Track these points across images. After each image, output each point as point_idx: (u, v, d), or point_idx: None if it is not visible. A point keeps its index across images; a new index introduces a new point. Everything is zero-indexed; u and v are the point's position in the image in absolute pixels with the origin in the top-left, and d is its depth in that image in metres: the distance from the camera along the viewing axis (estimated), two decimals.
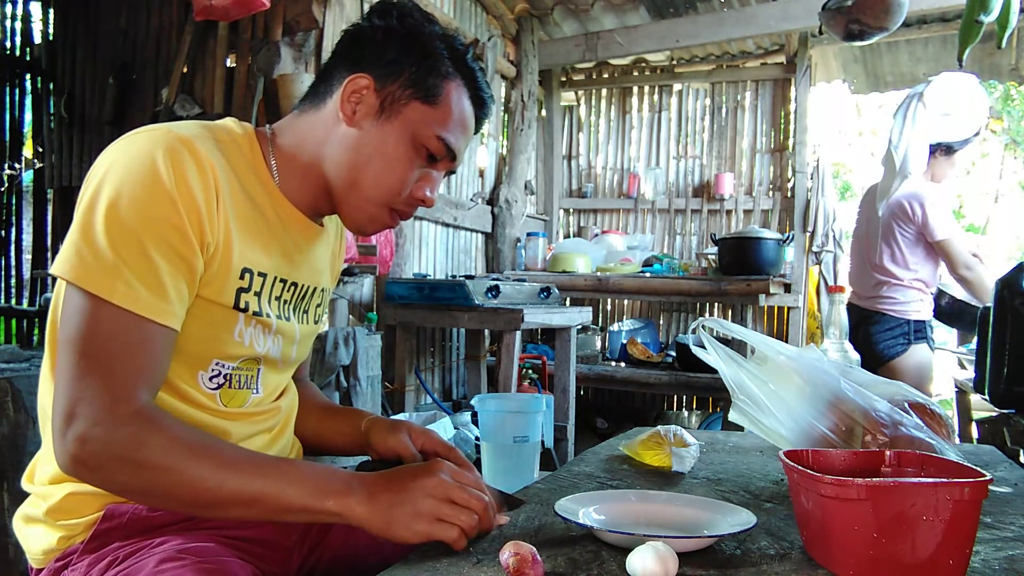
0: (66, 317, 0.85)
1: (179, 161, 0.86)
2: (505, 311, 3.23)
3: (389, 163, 0.99)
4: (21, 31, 4.06)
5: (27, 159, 4.22)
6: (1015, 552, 0.88)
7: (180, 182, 0.86)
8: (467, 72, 1.03)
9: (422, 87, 0.99)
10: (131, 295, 0.83)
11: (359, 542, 1.11)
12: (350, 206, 1.03)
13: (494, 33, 4.62)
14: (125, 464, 0.82)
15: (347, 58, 1.01)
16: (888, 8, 3.11)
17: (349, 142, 0.99)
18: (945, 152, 3.02)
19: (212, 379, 0.96)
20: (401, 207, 1.03)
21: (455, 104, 1.01)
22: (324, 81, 1.03)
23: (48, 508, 0.93)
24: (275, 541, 1.04)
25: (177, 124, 0.92)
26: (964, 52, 2.19)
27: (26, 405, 2.05)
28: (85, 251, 0.83)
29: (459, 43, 1.03)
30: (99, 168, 0.88)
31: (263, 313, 0.98)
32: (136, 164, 0.85)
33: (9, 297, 4.09)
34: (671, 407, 5.30)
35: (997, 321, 1.91)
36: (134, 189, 0.84)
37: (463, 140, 1.04)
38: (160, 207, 0.85)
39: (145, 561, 0.86)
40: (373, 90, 0.99)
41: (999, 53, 4.46)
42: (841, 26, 3.28)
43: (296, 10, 3.12)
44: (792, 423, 1.10)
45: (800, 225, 4.84)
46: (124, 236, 0.83)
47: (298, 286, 1.06)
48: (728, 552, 0.86)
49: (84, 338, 0.83)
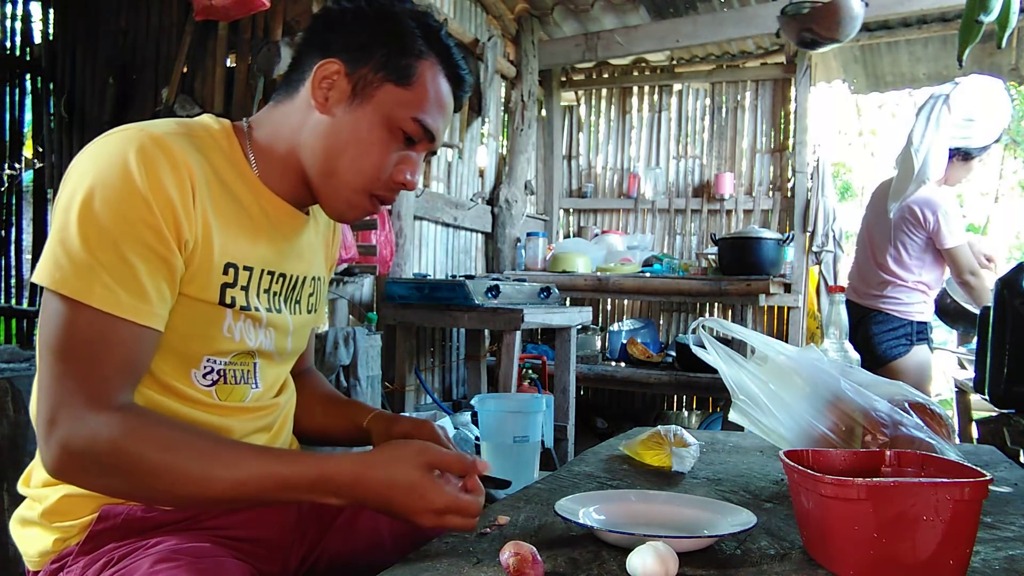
0: (45, 322, 0.84)
1: (151, 160, 0.85)
2: (505, 311, 3.23)
3: (365, 149, 0.97)
4: (21, 31, 4.05)
5: (27, 159, 4.22)
6: (1015, 552, 0.88)
7: (153, 181, 0.85)
8: (441, 49, 1.00)
9: (394, 69, 0.96)
10: (110, 297, 0.83)
11: (358, 542, 1.11)
12: (328, 194, 1.01)
13: (494, 33, 4.62)
14: (108, 466, 0.82)
15: (317, 43, 0.99)
16: (840, 21, 3.15)
17: (323, 129, 0.98)
18: (963, 157, 2.99)
19: (206, 375, 0.96)
20: (381, 192, 1.01)
21: (430, 84, 0.98)
22: (296, 69, 1.01)
23: (43, 510, 0.93)
24: (272, 540, 1.03)
25: (151, 123, 0.92)
26: (964, 52, 2.18)
27: (26, 405, 2.05)
28: (61, 256, 0.82)
29: (431, 20, 1.00)
30: (73, 172, 0.87)
31: (251, 307, 0.97)
32: (108, 166, 0.85)
33: (9, 297, 4.09)
34: (671, 407, 5.30)
35: (997, 321, 1.91)
36: (107, 191, 0.83)
37: (441, 120, 1.01)
38: (134, 208, 0.84)
39: (140, 562, 0.86)
40: (344, 75, 0.97)
41: (999, 53, 4.46)
42: (795, 32, 3.34)
43: (296, 10, 3.12)
44: (792, 423, 1.10)
45: (800, 225, 4.84)
46: (100, 239, 0.83)
47: (287, 277, 1.05)
48: (728, 552, 0.86)
49: (64, 342, 0.83)
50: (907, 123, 3.12)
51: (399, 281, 3.50)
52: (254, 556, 0.98)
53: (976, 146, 2.96)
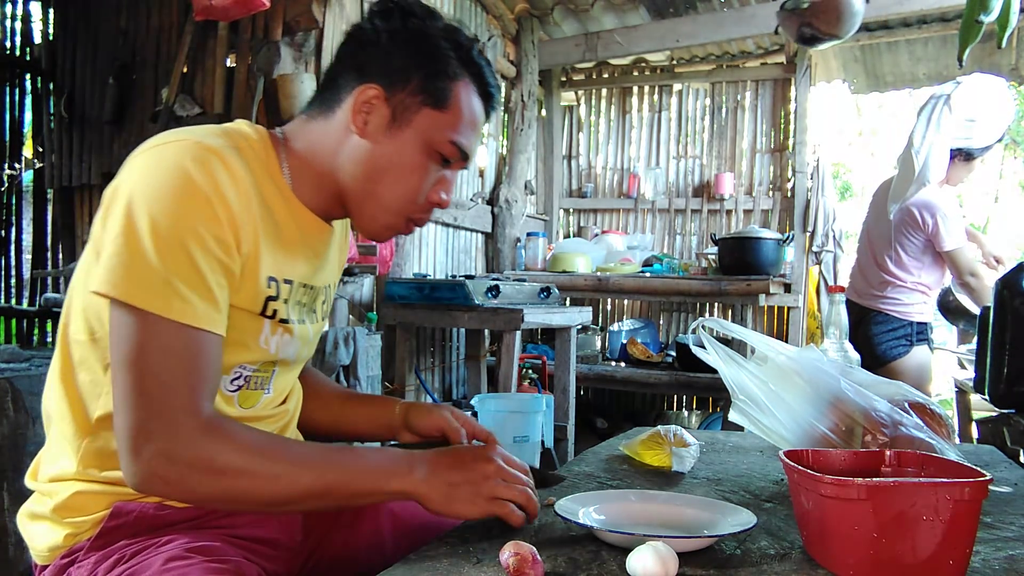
0: (120, 337, 0.84)
1: (210, 168, 0.86)
2: (505, 311, 3.23)
3: (405, 174, 0.99)
4: (21, 31, 4.05)
5: (27, 159, 4.22)
6: (1015, 552, 0.88)
7: (214, 188, 0.86)
8: (474, 69, 1.01)
9: (432, 93, 0.98)
10: (187, 309, 0.83)
11: (359, 542, 1.12)
12: (366, 216, 1.03)
13: (494, 33, 4.62)
14: (205, 475, 0.84)
15: (352, 64, 1.00)
16: (841, 16, 3.12)
17: (363, 154, 0.99)
18: (965, 158, 2.97)
19: (233, 381, 0.97)
20: (417, 215, 1.03)
21: (465, 105, 1.00)
22: (331, 88, 1.02)
23: (55, 506, 0.94)
24: (280, 541, 1.04)
25: (196, 131, 0.92)
26: (964, 52, 2.18)
27: (26, 405, 2.05)
28: (134, 268, 0.82)
29: (463, 38, 1.01)
30: (129, 181, 0.86)
31: (289, 320, 1.00)
32: (168, 173, 0.85)
33: (9, 297, 4.09)
34: (671, 407, 5.30)
35: (997, 321, 1.91)
36: (174, 201, 0.84)
37: (474, 139, 1.04)
38: (201, 216, 0.85)
39: (152, 559, 0.87)
40: (383, 100, 0.98)
41: (999, 53, 4.46)
42: (795, 28, 3.30)
43: (296, 10, 3.12)
44: (792, 423, 1.10)
45: (800, 225, 4.84)
46: (171, 249, 0.83)
47: (315, 289, 1.07)
48: (728, 552, 0.86)
49: (144, 357, 0.83)
50: (908, 123, 3.10)
51: (399, 281, 3.50)
52: (262, 556, 0.99)
53: (978, 146, 2.94)
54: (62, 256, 4.02)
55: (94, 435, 0.92)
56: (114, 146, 3.64)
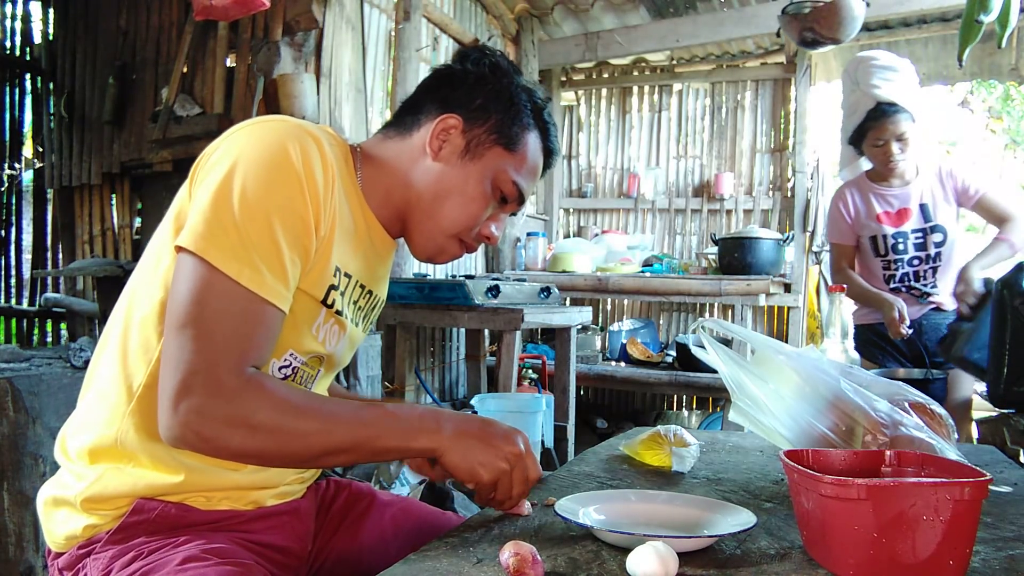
0: (183, 291, 0.86)
1: (306, 150, 0.91)
2: (505, 311, 3.23)
3: (467, 200, 1.07)
4: (21, 31, 4.06)
5: (27, 159, 4.23)
6: (1015, 552, 0.88)
7: (307, 168, 0.91)
8: (543, 126, 1.11)
9: (506, 134, 1.06)
10: (257, 278, 0.86)
11: (363, 542, 1.15)
12: (423, 235, 1.09)
13: (494, 33, 4.62)
14: (240, 430, 0.85)
15: (437, 96, 1.08)
16: (841, 21, 3.13)
17: (433, 175, 1.06)
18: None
19: (282, 368, 0.99)
20: (469, 241, 1.11)
21: (530, 153, 1.09)
22: (412, 113, 1.09)
23: (79, 494, 0.95)
24: (293, 549, 1.06)
25: (301, 120, 0.98)
26: (964, 52, 2.18)
27: (26, 405, 2.05)
28: (218, 230, 0.86)
29: (538, 98, 1.11)
30: (231, 150, 0.90)
31: (344, 313, 1.03)
32: (267, 148, 0.90)
33: (9, 297, 4.09)
34: (671, 407, 5.30)
35: (997, 321, 1.91)
36: (268, 174, 0.88)
37: (531, 186, 1.12)
38: (290, 193, 0.89)
39: (170, 557, 0.89)
40: (461, 131, 1.06)
41: (999, 53, 4.46)
42: (796, 32, 3.31)
43: (296, 10, 3.12)
44: (792, 423, 1.10)
45: (800, 225, 4.84)
46: (255, 219, 0.87)
47: (372, 295, 1.12)
48: (728, 552, 0.86)
49: (203, 313, 0.85)
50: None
51: (399, 281, 3.50)
52: (275, 563, 1.01)
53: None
54: (62, 256, 4.02)
55: (141, 399, 0.93)
56: (114, 146, 3.64)
